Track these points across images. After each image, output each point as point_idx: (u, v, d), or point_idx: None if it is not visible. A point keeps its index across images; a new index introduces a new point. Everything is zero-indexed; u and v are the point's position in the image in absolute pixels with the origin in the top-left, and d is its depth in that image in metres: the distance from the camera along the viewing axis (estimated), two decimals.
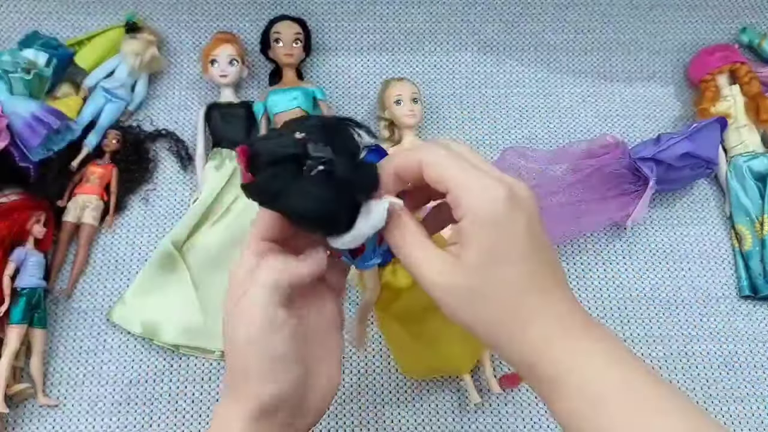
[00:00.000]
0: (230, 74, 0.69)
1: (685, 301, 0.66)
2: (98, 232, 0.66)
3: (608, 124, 0.74)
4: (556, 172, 0.67)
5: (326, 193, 0.29)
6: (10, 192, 0.65)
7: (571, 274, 0.67)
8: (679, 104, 0.75)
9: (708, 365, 0.64)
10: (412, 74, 0.74)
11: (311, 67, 0.75)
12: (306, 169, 0.29)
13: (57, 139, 0.64)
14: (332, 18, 0.76)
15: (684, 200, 0.71)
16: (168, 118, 0.72)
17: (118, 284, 0.64)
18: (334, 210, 0.30)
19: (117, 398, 0.60)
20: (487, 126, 0.73)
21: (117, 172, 0.68)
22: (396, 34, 0.76)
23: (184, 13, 0.76)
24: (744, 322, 0.66)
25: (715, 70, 0.72)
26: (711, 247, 0.69)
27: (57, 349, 0.62)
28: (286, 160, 0.29)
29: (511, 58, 0.76)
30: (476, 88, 0.74)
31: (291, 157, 0.29)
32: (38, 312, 0.60)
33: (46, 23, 0.74)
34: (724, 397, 0.63)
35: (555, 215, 0.64)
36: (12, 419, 0.59)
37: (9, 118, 0.61)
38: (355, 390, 0.61)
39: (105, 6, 0.75)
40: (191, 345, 0.61)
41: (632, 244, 0.68)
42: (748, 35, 0.76)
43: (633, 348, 0.63)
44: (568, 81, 0.75)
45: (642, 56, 0.77)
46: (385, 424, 0.60)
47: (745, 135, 0.70)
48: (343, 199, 0.30)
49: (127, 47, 0.70)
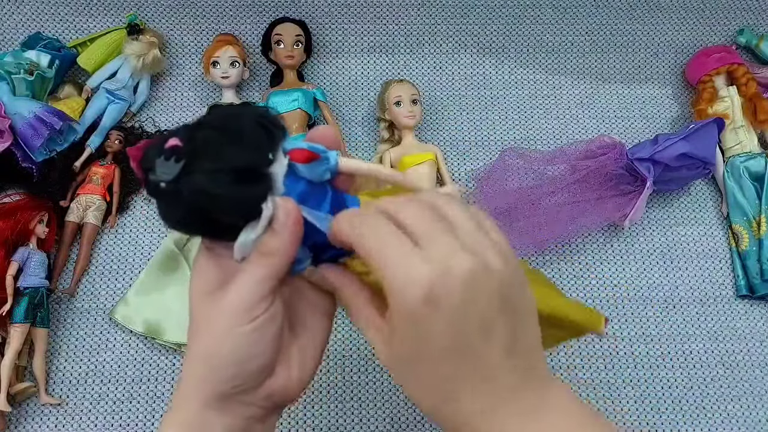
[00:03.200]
0: (232, 76, 0.69)
1: (683, 300, 0.67)
2: (101, 232, 0.67)
3: (606, 125, 0.74)
4: (555, 172, 0.67)
5: (176, 211, 0.28)
6: (13, 192, 0.65)
7: (568, 274, 0.67)
8: (676, 105, 0.76)
9: (705, 364, 0.64)
10: (412, 76, 0.75)
11: (312, 69, 0.75)
12: (152, 182, 0.28)
13: (59, 140, 0.65)
14: (333, 20, 0.77)
15: (681, 200, 0.71)
16: (170, 119, 0.72)
17: (121, 284, 0.65)
18: (186, 225, 0.29)
19: (119, 396, 0.61)
20: (486, 127, 0.73)
21: (119, 172, 0.68)
22: (396, 35, 0.77)
23: (186, 14, 0.76)
24: (741, 322, 0.66)
25: (712, 71, 0.72)
26: (708, 247, 0.69)
27: (59, 348, 0.62)
28: (145, 169, 0.28)
29: (510, 59, 0.76)
30: (475, 89, 0.75)
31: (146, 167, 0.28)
32: (41, 311, 0.61)
33: (48, 25, 0.74)
34: (721, 396, 0.63)
35: (553, 215, 0.64)
36: (15, 418, 0.59)
37: (12, 119, 0.61)
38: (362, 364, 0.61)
39: (107, 8, 0.75)
40: None
41: (630, 244, 0.69)
42: (745, 36, 0.77)
43: (631, 347, 0.64)
44: (566, 82, 0.76)
45: (640, 57, 0.77)
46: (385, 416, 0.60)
47: (743, 136, 0.70)
48: (196, 217, 0.28)
49: (129, 49, 0.70)
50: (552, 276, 0.67)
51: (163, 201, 0.28)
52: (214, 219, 0.28)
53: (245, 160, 0.28)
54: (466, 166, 0.71)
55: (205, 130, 0.28)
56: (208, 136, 0.28)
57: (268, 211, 0.29)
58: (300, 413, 0.60)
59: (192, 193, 0.27)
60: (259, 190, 0.29)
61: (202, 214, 0.28)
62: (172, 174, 0.27)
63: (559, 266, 0.67)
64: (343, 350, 0.62)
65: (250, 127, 0.29)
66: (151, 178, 0.28)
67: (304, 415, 0.60)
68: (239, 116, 0.29)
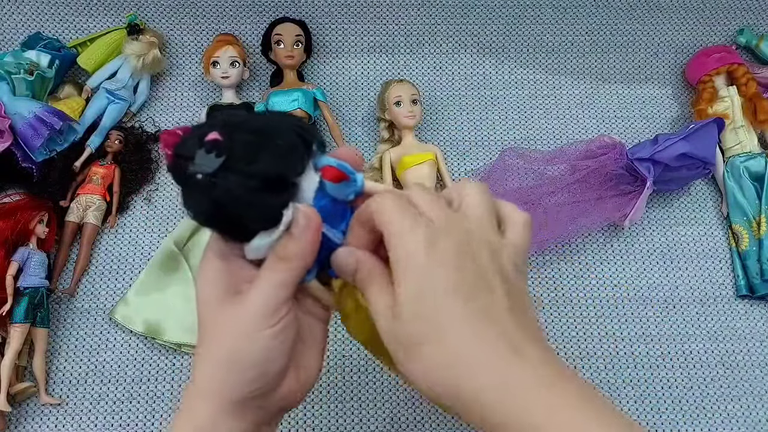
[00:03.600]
0: (232, 75, 0.69)
1: (683, 300, 0.67)
2: (101, 232, 0.67)
3: (606, 125, 0.74)
4: (555, 172, 0.67)
5: (203, 204, 0.29)
6: (13, 192, 0.65)
7: (568, 274, 0.67)
8: (676, 105, 0.76)
9: (705, 364, 0.64)
10: (412, 76, 0.75)
11: (312, 69, 0.75)
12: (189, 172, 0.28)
13: (59, 140, 0.65)
14: (333, 20, 0.77)
15: (681, 200, 0.71)
16: (170, 118, 0.72)
17: (121, 284, 0.65)
18: (208, 218, 0.29)
19: (119, 396, 0.61)
20: (486, 127, 0.73)
21: (119, 172, 0.68)
22: (396, 35, 0.77)
23: (186, 14, 0.76)
24: (741, 322, 0.66)
25: (712, 71, 0.72)
26: (708, 247, 0.69)
27: (59, 348, 0.62)
28: (180, 156, 0.29)
29: (510, 59, 0.77)
30: (475, 89, 0.75)
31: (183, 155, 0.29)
32: (41, 311, 0.61)
33: (48, 25, 0.74)
34: (721, 396, 0.63)
35: (553, 215, 0.64)
36: (15, 418, 0.59)
37: (12, 119, 0.61)
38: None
39: (107, 8, 0.75)
40: (193, 344, 0.62)
41: (630, 244, 0.69)
42: (745, 36, 0.77)
43: (631, 347, 0.64)
44: (566, 82, 0.76)
45: (640, 57, 0.77)
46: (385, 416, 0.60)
47: (743, 136, 0.70)
48: (221, 214, 0.29)
49: (129, 49, 0.70)
50: (552, 276, 0.67)
51: (193, 191, 0.29)
52: (236, 219, 0.29)
53: (277, 168, 0.29)
54: (466, 166, 0.71)
55: (245, 131, 0.29)
56: (248, 139, 0.29)
57: (287, 218, 0.29)
58: (300, 413, 0.60)
59: (223, 191, 0.28)
60: (284, 199, 0.29)
61: (227, 212, 0.29)
62: (212, 168, 0.28)
63: (559, 266, 0.67)
64: (343, 350, 0.63)
65: (288, 136, 0.30)
66: (190, 168, 0.28)
67: (304, 415, 0.60)
68: (279, 123, 0.30)
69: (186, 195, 0.29)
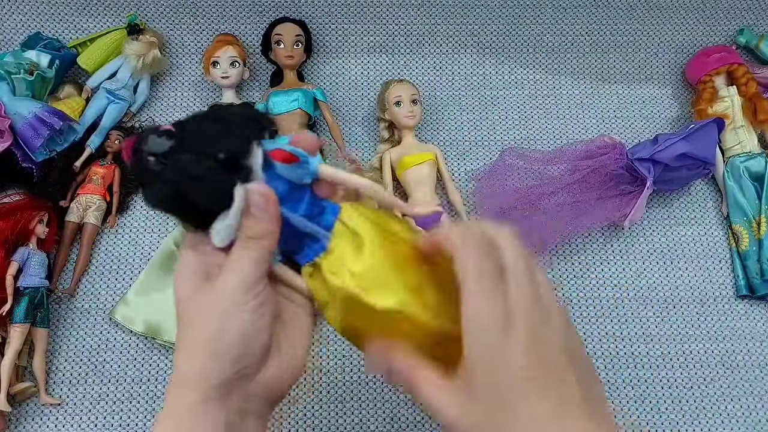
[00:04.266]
0: (232, 75, 0.69)
1: (683, 300, 0.67)
2: (101, 232, 0.67)
3: (606, 125, 0.74)
4: (555, 172, 0.67)
5: (157, 188, 0.30)
6: (13, 192, 0.65)
7: (568, 274, 0.67)
8: (676, 105, 0.76)
9: (705, 364, 0.64)
10: (412, 76, 0.75)
11: (312, 69, 0.75)
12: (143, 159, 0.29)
13: (59, 140, 0.65)
14: (333, 20, 0.77)
15: (681, 200, 0.71)
16: (170, 118, 0.72)
17: (121, 284, 0.65)
18: (165, 204, 0.30)
19: (119, 396, 0.61)
20: (486, 127, 0.73)
21: (119, 172, 0.68)
22: (396, 36, 0.77)
23: (186, 14, 0.76)
24: (741, 322, 0.66)
25: (712, 71, 0.72)
26: (708, 247, 0.69)
27: (59, 348, 0.62)
28: (137, 151, 0.30)
29: (510, 59, 0.77)
30: (475, 89, 0.75)
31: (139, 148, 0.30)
32: (41, 311, 0.61)
33: (48, 25, 0.74)
34: (721, 396, 0.63)
35: (553, 215, 0.64)
36: (15, 418, 0.59)
37: (12, 119, 0.61)
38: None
39: (107, 8, 0.75)
40: None
41: (630, 244, 0.69)
42: (745, 36, 0.77)
43: (631, 347, 0.64)
44: (566, 82, 0.76)
45: (640, 57, 0.77)
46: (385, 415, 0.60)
47: (743, 136, 0.70)
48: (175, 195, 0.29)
49: (129, 49, 0.70)
50: (552, 276, 0.67)
51: (149, 178, 0.30)
52: (191, 201, 0.30)
53: (227, 146, 0.30)
54: (466, 166, 0.71)
55: (196, 121, 0.31)
56: (199, 124, 0.30)
57: (239, 196, 0.30)
58: (300, 413, 0.60)
59: (174, 169, 0.29)
60: (234, 177, 0.30)
61: (181, 194, 0.29)
62: (162, 148, 0.29)
63: (559, 266, 0.67)
64: (343, 350, 0.63)
65: (238, 119, 0.31)
66: (143, 147, 0.29)
67: (304, 415, 0.60)
68: (232, 111, 0.32)
69: (144, 187, 0.30)
